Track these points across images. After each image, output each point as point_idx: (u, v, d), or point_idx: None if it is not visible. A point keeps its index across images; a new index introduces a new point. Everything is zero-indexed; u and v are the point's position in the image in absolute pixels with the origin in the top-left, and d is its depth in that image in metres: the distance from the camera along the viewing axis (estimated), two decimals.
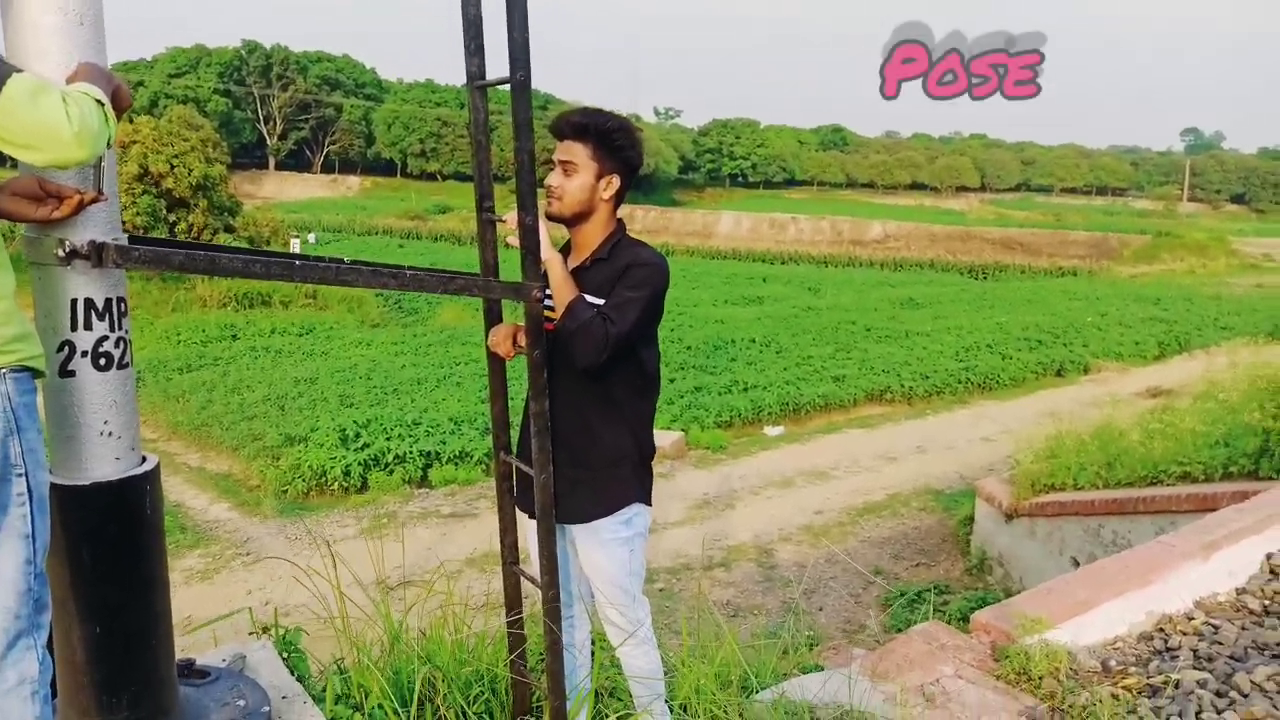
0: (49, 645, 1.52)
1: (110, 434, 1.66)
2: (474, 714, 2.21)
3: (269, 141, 72.96)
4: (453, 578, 3.15)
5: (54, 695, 1.59)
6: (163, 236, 24.65)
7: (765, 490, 11.36)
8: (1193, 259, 42.52)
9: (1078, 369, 18.95)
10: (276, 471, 12.07)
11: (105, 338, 1.62)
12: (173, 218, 23.68)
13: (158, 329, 20.65)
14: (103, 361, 1.62)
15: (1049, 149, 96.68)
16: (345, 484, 11.79)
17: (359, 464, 11.95)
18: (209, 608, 7.98)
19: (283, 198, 64.88)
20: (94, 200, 1.56)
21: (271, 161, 73.69)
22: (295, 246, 25.13)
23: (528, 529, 2.33)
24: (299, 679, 2.16)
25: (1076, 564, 7.58)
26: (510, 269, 2.06)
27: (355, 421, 12.91)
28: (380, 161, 76.56)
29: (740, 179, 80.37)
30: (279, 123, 73.49)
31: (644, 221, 56.21)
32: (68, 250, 1.54)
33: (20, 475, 1.46)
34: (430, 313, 25.20)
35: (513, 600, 2.29)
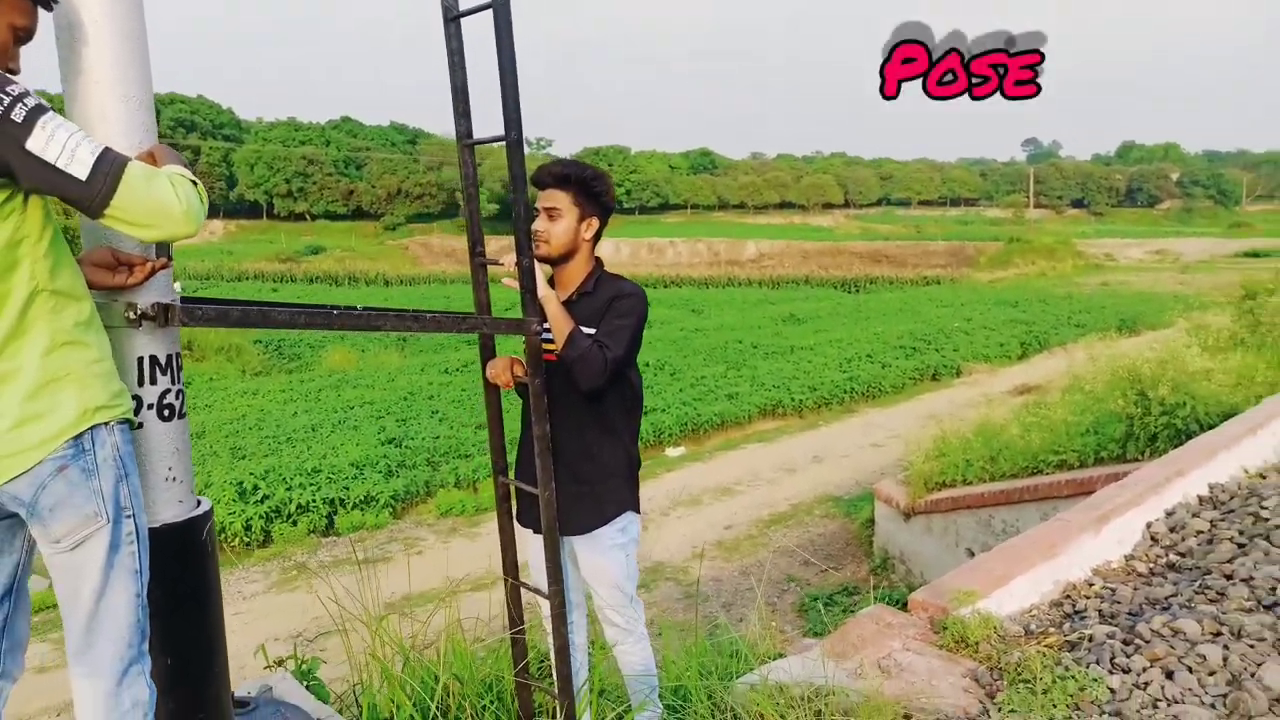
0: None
1: (174, 479, 1.78)
2: None
3: None
4: (380, 619, 3.24)
5: None
6: None
7: (675, 510, 11.66)
8: (1043, 262, 45.41)
9: (951, 372, 20.05)
10: None
11: (168, 390, 1.76)
12: None
13: None
14: (166, 412, 1.76)
15: (904, 164, 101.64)
16: (247, 539, 11.48)
17: (260, 517, 11.65)
18: None
19: None
20: (163, 266, 1.71)
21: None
22: None
23: (528, 544, 2.52)
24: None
25: (972, 554, 8.13)
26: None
27: (251, 473, 12.56)
28: (244, 204, 74.22)
29: (615, 205, 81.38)
30: None
31: (507, 261, 56.37)
32: (138, 313, 1.68)
33: (129, 516, 1.59)
34: (314, 358, 24.65)
35: (515, 613, 2.48)
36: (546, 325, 2.29)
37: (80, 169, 1.42)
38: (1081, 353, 12.83)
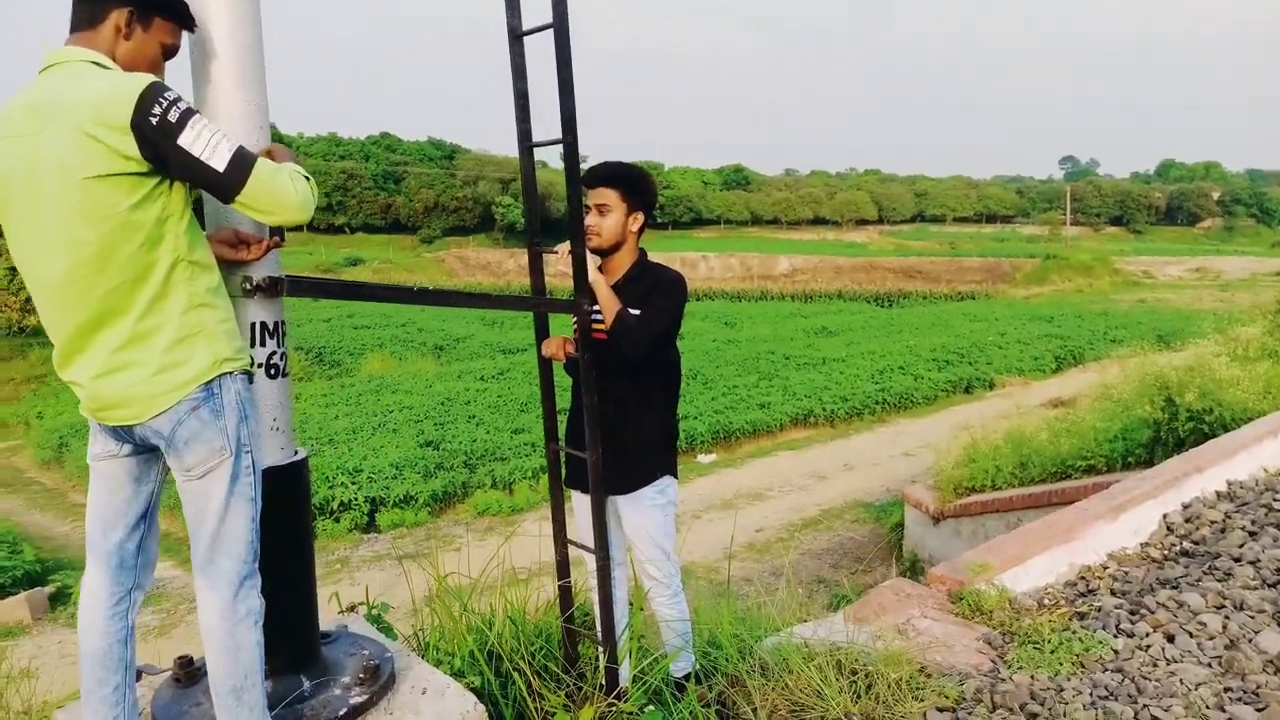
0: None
1: (277, 429, 2.06)
2: (536, 665, 2.64)
3: None
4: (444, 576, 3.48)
5: None
6: None
7: (707, 513, 11.87)
8: (1079, 279, 45.14)
9: (984, 385, 20.10)
10: None
11: (274, 352, 2.04)
12: None
13: (64, 400, 20.15)
14: (272, 371, 2.03)
15: (939, 181, 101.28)
16: None
17: None
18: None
19: None
20: (277, 245, 2.00)
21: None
22: None
23: (575, 505, 2.78)
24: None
25: None
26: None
27: None
28: None
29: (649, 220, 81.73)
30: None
31: (556, 266, 56.76)
32: (253, 284, 1.97)
33: (248, 452, 1.87)
34: (354, 364, 25.18)
35: (563, 568, 2.73)
36: (596, 306, 2.55)
37: (219, 162, 1.72)
38: (1115, 368, 12.89)
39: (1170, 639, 2.92)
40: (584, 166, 2.69)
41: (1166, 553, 4.13)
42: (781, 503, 12.35)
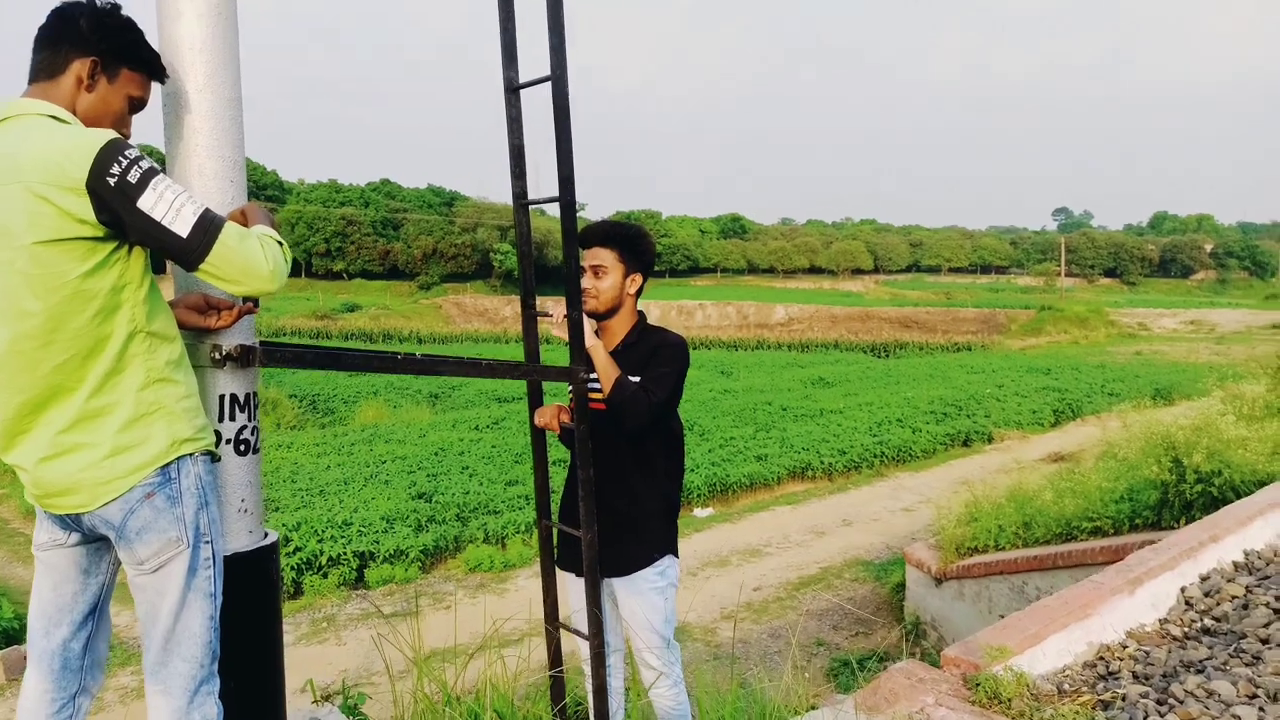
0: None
1: (246, 511, 1.90)
2: None
3: None
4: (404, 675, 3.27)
5: None
6: None
7: (703, 570, 11.61)
8: (1075, 331, 45.21)
9: (983, 439, 19.90)
10: None
11: (244, 427, 1.88)
12: None
13: None
14: (242, 448, 1.88)
15: (934, 231, 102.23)
16: None
17: (291, 568, 11.73)
18: None
19: None
20: (249, 311, 1.85)
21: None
22: None
23: (568, 587, 2.60)
24: None
25: None
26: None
27: (284, 525, 12.68)
28: None
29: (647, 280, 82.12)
30: None
31: (557, 314, 56.89)
32: (223, 354, 1.82)
33: (208, 542, 1.71)
34: (347, 412, 24.94)
35: (555, 658, 2.55)
36: (593, 374, 2.40)
37: (183, 227, 1.57)
38: (1116, 421, 12.74)
39: None
40: (584, 218, 2.56)
41: (1187, 630, 3.95)
42: (780, 560, 12.09)
